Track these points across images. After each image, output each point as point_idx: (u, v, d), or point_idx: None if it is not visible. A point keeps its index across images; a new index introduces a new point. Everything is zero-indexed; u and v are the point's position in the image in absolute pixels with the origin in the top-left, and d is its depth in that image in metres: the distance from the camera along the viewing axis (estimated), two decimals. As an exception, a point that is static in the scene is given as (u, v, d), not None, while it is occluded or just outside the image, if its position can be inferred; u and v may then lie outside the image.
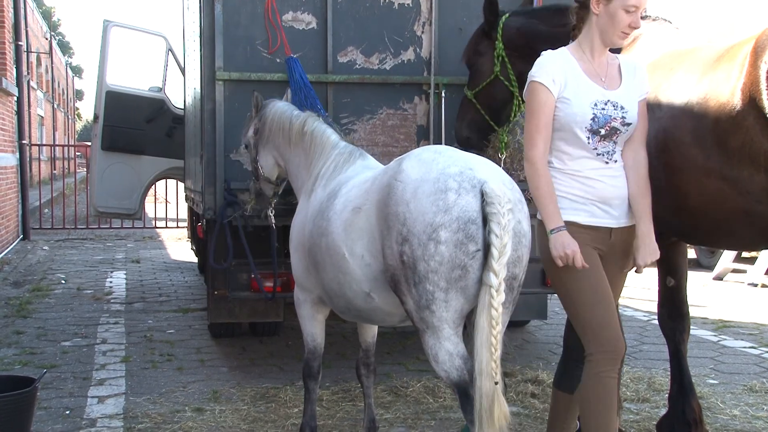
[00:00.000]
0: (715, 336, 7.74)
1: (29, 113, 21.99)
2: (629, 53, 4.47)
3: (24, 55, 16.33)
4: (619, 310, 4.06)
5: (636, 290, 10.08)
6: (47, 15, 45.36)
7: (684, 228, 4.15)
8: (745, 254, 11.22)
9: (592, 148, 3.59)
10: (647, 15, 4.69)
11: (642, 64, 3.92)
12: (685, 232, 4.22)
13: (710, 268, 12.00)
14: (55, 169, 27.73)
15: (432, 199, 3.32)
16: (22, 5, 16.66)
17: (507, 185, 3.43)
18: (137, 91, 10.48)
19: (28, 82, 21.59)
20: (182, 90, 9.03)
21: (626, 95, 3.66)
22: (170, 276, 11.42)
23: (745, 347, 7.28)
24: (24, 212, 15.14)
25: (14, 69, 14.64)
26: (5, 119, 13.55)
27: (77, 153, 30.28)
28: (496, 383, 3.28)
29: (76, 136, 59.36)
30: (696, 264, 12.67)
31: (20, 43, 15.14)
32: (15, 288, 10.09)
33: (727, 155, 3.66)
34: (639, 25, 3.65)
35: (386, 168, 3.77)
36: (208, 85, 5.89)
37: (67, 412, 5.27)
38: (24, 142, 15.30)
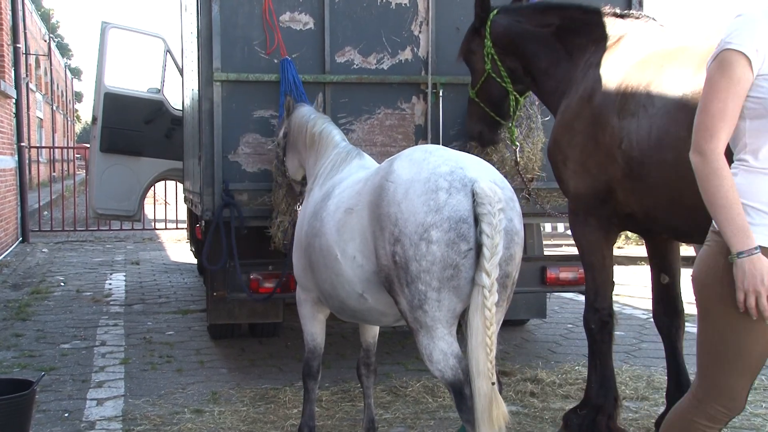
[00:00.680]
0: (715, 334, 7.72)
1: (28, 115, 22.01)
2: (614, 52, 4.48)
3: (22, 57, 16.36)
4: (619, 309, 4.05)
5: (635, 288, 10.08)
6: (46, 17, 45.37)
7: (676, 225, 4.15)
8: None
9: None
10: (631, 13, 4.71)
11: None
12: (680, 230, 4.21)
13: (710, 266, 12.00)
14: (55, 172, 27.75)
15: (423, 199, 3.34)
16: (21, 7, 16.69)
17: (498, 184, 3.43)
18: (135, 93, 10.48)
19: (27, 84, 21.61)
20: (180, 91, 9.04)
21: None
22: (170, 277, 11.43)
23: (745, 345, 7.26)
24: (23, 214, 15.15)
25: (12, 71, 14.65)
26: (3, 122, 13.56)
27: (76, 155, 30.29)
28: (493, 383, 3.29)
29: (76, 138, 59.36)
30: (694, 261, 12.69)
31: (18, 45, 15.15)
32: (14, 290, 10.09)
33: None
34: None
35: (378, 168, 3.79)
36: (206, 86, 5.90)
37: (66, 415, 5.27)
38: (23, 145, 15.32)
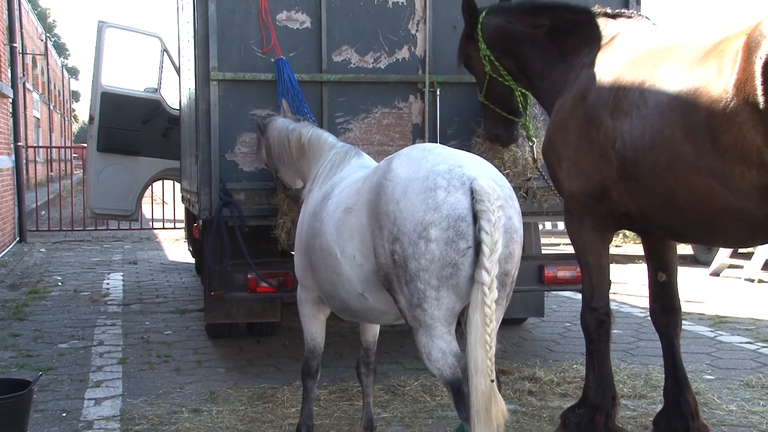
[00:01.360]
0: (712, 331, 7.75)
1: (25, 115, 21.98)
2: (607, 51, 4.48)
3: (19, 57, 16.30)
4: (616, 307, 4.05)
5: (633, 287, 10.10)
6: (42, 16, 45.29)
7: (671, 225, 4.15)
8: (742, 250, 11.23)
9: None
10: (623, 12, 4.71)
11: None
12: (673, 230, 4.22)
13: (707, 264, 12.02)
14: (52, 171, 27.71)
15: (422, 198, 3.34)
16: (17, 7, 16.66)
17: (497, 182, 3.44)
18: (133, 92, 10.48)
19: (24, 84, 21.59)
20: (177, 90, 9.03)
21: None
22: (167, 277, 11.41)
23: (742, 342, 7.29)
24: (20, 214, 15.13)
25: (9, 70, 14.64)
26: (0, 121, 13.53)
27: (74, 155, 30.27)
28: (492, 381, 3.28)
29: (73, 138, 59.32)
30: (692, 260, 12.70)
31: (15, 45, 15.13)
32: (11, 291, 10.08)
33: (719, 152, 3.63)
34: None
35: (376, 167, 3.78)
36: (203, 86, 5.89)
37: (64, 415, 5.26)
38: (20, 144, 15.29)
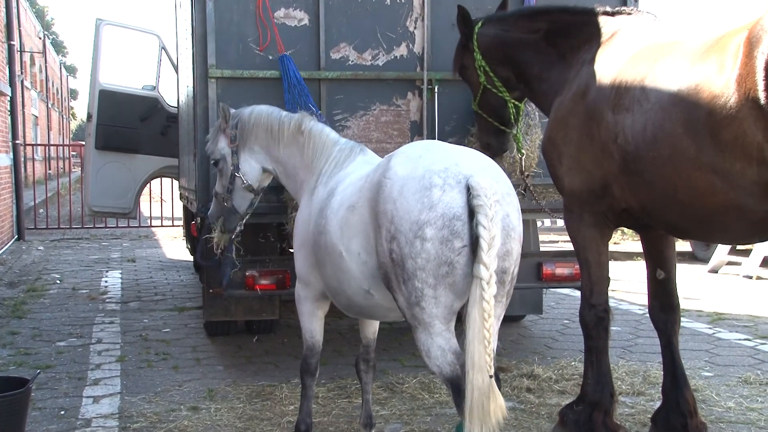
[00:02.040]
0: (710, 328, 7.75)
1: (23, 113, 21.96)
2: (608, 48, 4.47)
3: (17, 55, 16.30)
4: (615, 304, 4.05)
5: (632, 284, 10.10)
6: (40, 14, 45.22)
7: (672, 221, 4.15)
8: (740, 247, 11.23)
9: None
10: (623, 10, 4.70)
11: None
12: (674, 226, 4.22)
13: (705, 261, 12.03)
14: (50, 169, 27.67)
15: (417, 197, 3.35)
16: (15, 4, 16.63)
17: (495, 178, 3.43)
18: (131, 90, 10.44)
19: (22, 82, 21.55)
20: (176, 88, 9.01)
21: None
22: (166, 275, 11.41)
23: (740, 339, 7.29)
24: (18, 212, 15.12)
25: (7, 68, 14.62)
26: (-2, 119, 13.53)
27: (72, 152, 30.24)
28: (491, 377, 3.26)
29: (71, 136, 59.23)
30: (691, 257, 12.71)
31: (12, 43, 15.11)
32: (10, 289, 10.07)
33: (720, 148, 3.63)
34: None
35: (378, 164, 3.79)
36: (201, 83, 5.88)
37: (62, 413, 5.26)
38: (18, 142, 15.29)
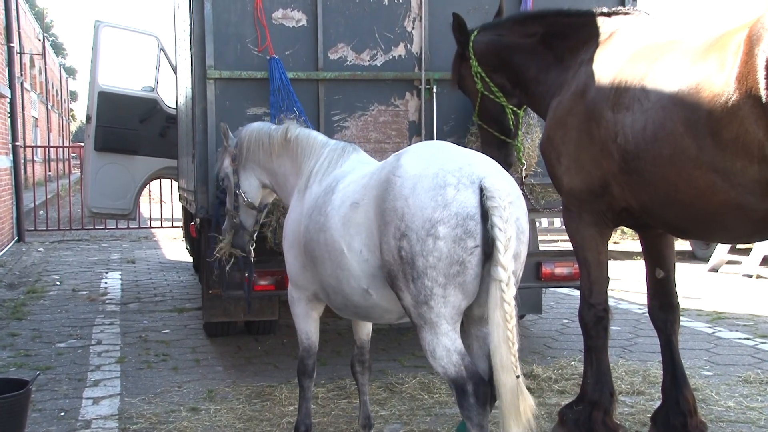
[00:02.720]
0: (710, 327, 7.75)
1: (23, 115, 21.96)
2: (607, 48, 4.46)
3: (16, 57, 16.30)
4: (614, 303, 4.03)
5: (631, 283, 10.10)
6: (40, 16, 45.25)
7: (673, 221, 4.14)
8: (740, 246, 11.23)
9: None
10: (620, 10, 4.70)
11: None
12: (674, 225, 4.20)
13: (705, 260, 12.03)
14: (50, 171, 27.66)
15: (431, 195, 3.33)
16: (14, 6, 16.62)
17: (506, 181, 3.44)
18: (129, 91, 10.44)
19: (22, 84, 21.56)
20: (174, 89, 9.01)
21: None
22: (165, 276, 11.41)
23: (740, 338, 7.28)
24: (18, 214, 15.11)
25: (6, 70, 14.61)
26: (-2, 121, 13.52)
27: (72, 154, 30.23)
28: (518, 377, 3.29)
29: (71, 137, 59.21)
30: (691, 256, 12.70)
31: (12, 45, 15.12)
32: (10, 290, 10.07)
33: (720, 146, 3.62)
34: None
35: (384, 163, 3.76)
36: (199, 84, 5.88)
37: (62, 414, 5.25)
38: (17, 144, 15.28)
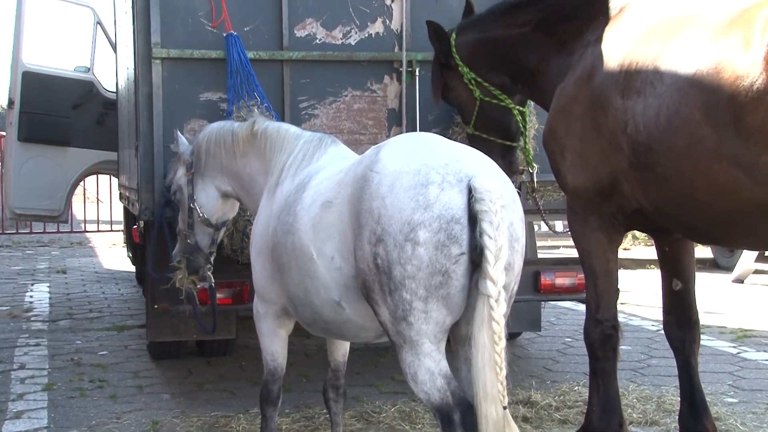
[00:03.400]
0: (735, 347, 7.83)
1: (-67, 99, 21.71)
2: (616, 25, 4.51)
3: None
4: (625, 319, 4.06)
5: (644, 296, 10.17)
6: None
7: (690, 223, 4.17)
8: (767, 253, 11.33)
9: None
10: None
11: None
12: (692, 228, 4.24)
13: (729, 270, 12.13)
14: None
15: (411, 194, 3.32)
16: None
17: (500, 181, 3.44)
18: (61, 72, 10.37)
19: (-69, 62, 21.30)
20: (114, 70, 8.97)
21: None
22: (103, 288, 11.35)
23: (769, 360, 7.38)
24: (-72, 215, 14.94)
25: None
26: None
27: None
28: (505, 408, 3.30)
29: (-10, 125, 58.53)
30: (713, 265, 12.81)
31: None
32: None
33: (744, 136, 3.64)
34: None
35: (362, 157, 3.76)
36: (144, 65, 5.84)
37: (-21, 451, 5.23)
38: (-74, 134, 15.10)
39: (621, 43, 4.35)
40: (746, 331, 8.50)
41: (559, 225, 15.02)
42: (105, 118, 9.99)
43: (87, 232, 17.52)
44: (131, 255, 11.57)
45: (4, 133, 11.31)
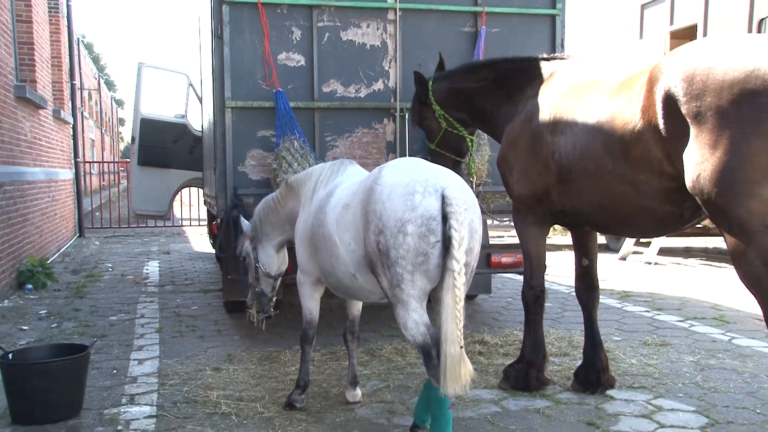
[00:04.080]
0: (619, 303, 7.73)
1: (83, 137, 21.64)
2: (548, 85, 4.43)
3: (78, 92, 16.04)
4: (548, 285, 3.99)
5: (560, 269, 10.09)
6: (96, 59, 44.68)
7: (596, 220, 4.14)
8: (643, 240, 11.26)
9: None
10: (556, 56, 4.67)
11: None
12: (599, 224, 4.20)
13: (616, 251, 12.06)
14: (104, 181, 27.29)
15: (402, 200, 3.29)
16: (77, 52, 16.38)
17: (464, 191, 3.40)
18: (165, 118, 10.28)
19: (81, 113, 21.24)
20: (200, 116, 8.88)
21: None
22: (194, 264, 11.25)
23: (642, 311, 7.28)
24: (79, 215, 14.90)
25: (70, 102, 14.40)
26: (63, 142, 13.32)
27: (120, 168, 29.87)
28: (461, 347, 3.22)
29: (120, 155, 58.52)
30: (605, 248, 12.73)
31: (74, 82, 14.90)
32: (73, 275, 9.88)
33: (630, 163, 3.64)
34: None
35: (370, 174, 3.73)
36: (219, 112, 5.78)
37: (114, 372, 5.13)
38: (78, 160, 15.06)
39: (550, 98, 4.30)
40: (627, 293, 8.41)
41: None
42: (194, 149, 9.91)
43: (183, 226, 17.42)
44: (212, 242, 11.45)
45: (129, 160, 11.21)
